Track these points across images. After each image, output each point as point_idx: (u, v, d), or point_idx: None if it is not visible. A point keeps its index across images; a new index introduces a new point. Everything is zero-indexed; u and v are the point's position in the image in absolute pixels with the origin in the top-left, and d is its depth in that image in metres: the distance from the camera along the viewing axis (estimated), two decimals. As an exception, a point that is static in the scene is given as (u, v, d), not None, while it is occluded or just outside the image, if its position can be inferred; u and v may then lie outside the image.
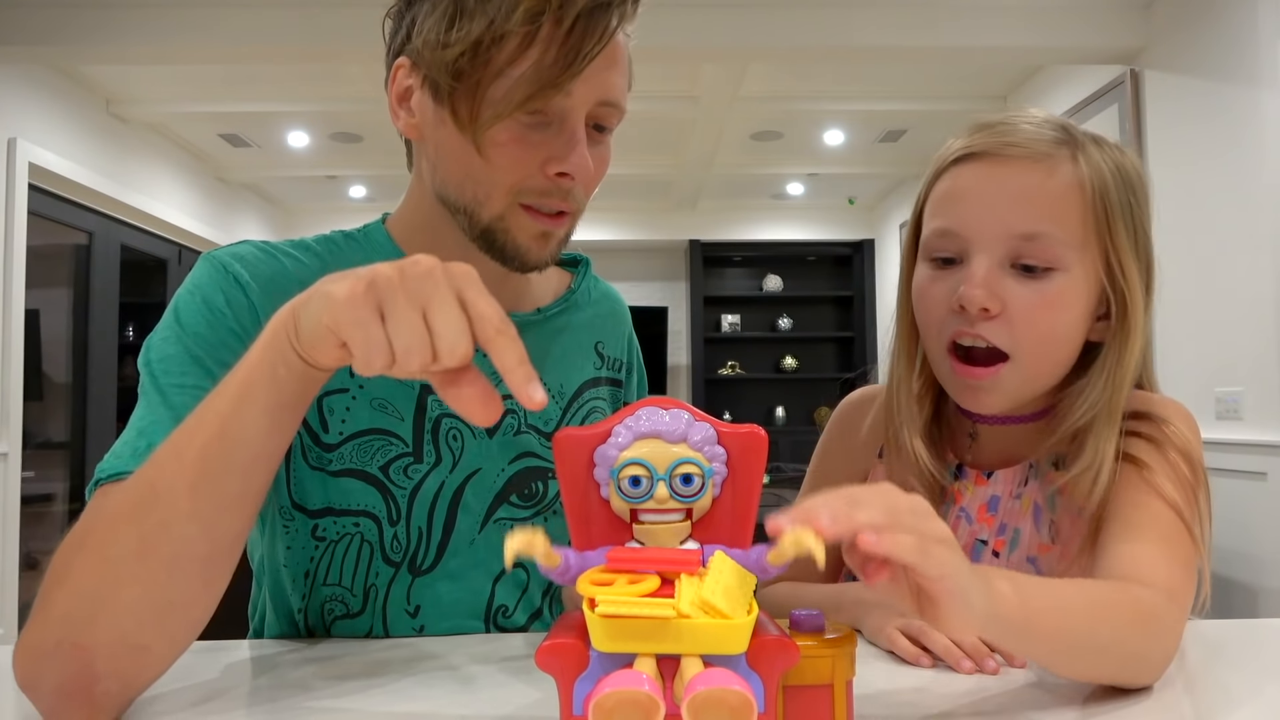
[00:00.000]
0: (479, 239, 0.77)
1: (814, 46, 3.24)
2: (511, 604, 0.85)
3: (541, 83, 0.69)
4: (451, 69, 0.70)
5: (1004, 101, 4.29)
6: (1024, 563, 0.79)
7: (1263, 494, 2.57)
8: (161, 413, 0.68)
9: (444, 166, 0.76)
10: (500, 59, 0.69)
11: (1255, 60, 2.62)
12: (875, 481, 0.86)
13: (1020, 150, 0.73)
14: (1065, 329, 0.74)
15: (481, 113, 0.70)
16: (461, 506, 0.82)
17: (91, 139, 4.03)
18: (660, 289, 6.92)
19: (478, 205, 0.75)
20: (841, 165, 5.46)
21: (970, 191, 0.75)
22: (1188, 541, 0.70)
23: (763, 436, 0.50)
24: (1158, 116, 3.11)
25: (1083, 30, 3.19)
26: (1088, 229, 0.73)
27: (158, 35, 3.11)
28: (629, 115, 0.79)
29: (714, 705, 0.40)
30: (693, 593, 0.43)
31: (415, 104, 0.76)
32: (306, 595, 0.81)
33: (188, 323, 0.73)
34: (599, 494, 0.50)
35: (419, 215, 0.83)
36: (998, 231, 0.73)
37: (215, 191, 5.29)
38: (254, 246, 0.79)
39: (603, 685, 0.40)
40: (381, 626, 0.81)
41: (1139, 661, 0.61)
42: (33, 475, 3.56)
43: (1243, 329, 2.67)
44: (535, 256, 0.77)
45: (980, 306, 0.72)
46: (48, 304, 3.88)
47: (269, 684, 0.66)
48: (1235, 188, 2.70)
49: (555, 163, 0.73)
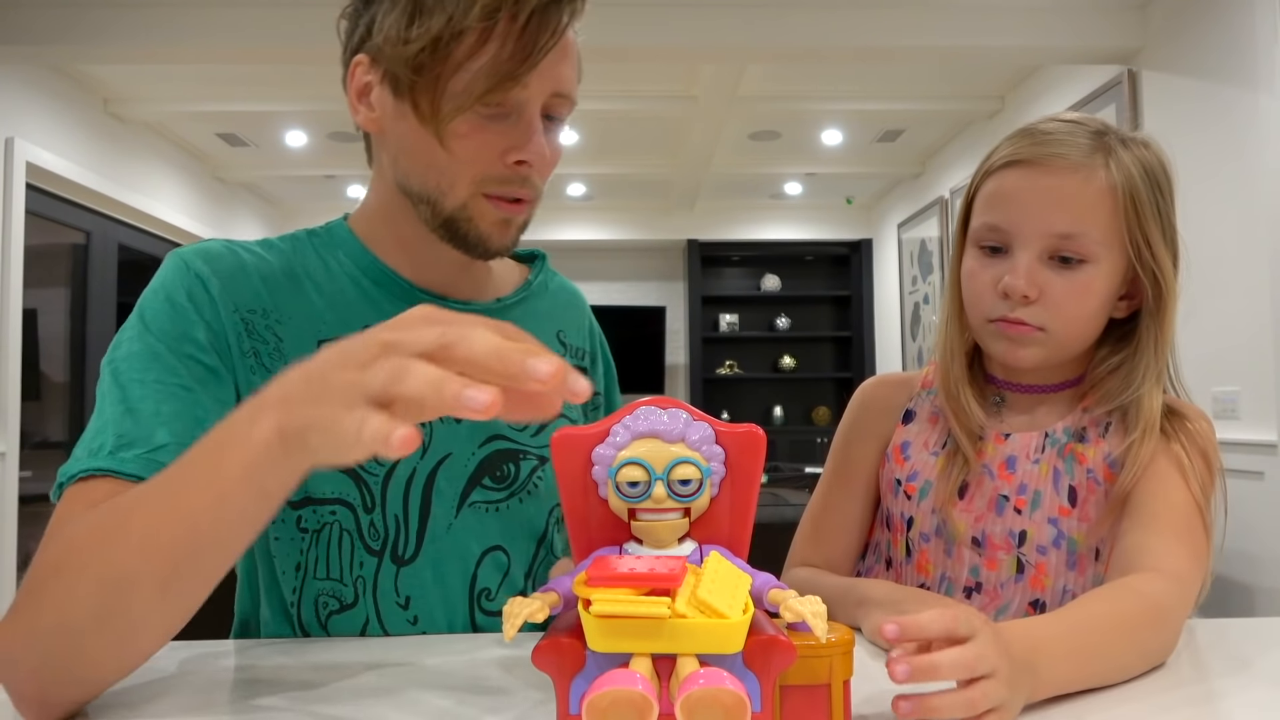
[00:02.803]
0: (441, 228, 0.80)
1: (812, 46, 3.24)
2: (494, 587, 0.86)
3: (500, 76, 0.73)
4: (412, 63, 0.73)
5: (1001, 102, 4.30)
6: (1045, 524, 0.86)
7: (1259, 493, 2.57)
8: (118, 409, 0.69)
9: (406, 158, 0.79)
10: (459, 53, 0.72)
11: (1253, 61, 2.62)
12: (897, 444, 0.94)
13: (1060, 161, 0.82)
14: (1092, 309, 0.85)
15: (442, 105, 0.74)
16: (435, 492, 0.83)
17: (89, 138, 4.02)
18: (658, 289, 6.92)
19: (441, 195, 0.78)
20: (839, 165, 5.46)
21: (1015, 194, 0.84)
22: (1202, 534, 0.79)
23: (761, 436, 0.50)
24: (1155, 117, 3.11)
25: (1080, 30, 3.19)
26: (1119, 226, 0.83)
27: (156, 35, 3.10)
28: (627, 115, 0.81)
29: (708, 705, 0.40)
30: (688, 592, 0.43)
31: (375, 99, 0.79)
32: (298, 589, 0.81)
33: (151, 319, 0.75)
34: (597, 493, 0.50)
35: (380, 208, 0.86)
36: (1039, 230, 0.83)
37: (213, 191, 5.29)
38: (219, 243, 0.82)
39: (598, 685, 0.40)
40: (376, 620, 0.81)
41: (1155, 656, 0.68)
42: (30, 475, 3.56)
43: (1240, 328, 2.67)
44: (497, 243, 0.81)
45: (1022, 294, 0.83)
46: (46, 303, 3.88)
47: (263, 687, 0.66)
48: (1232, 188, 2.71)
49: (515, 152, 0.77)
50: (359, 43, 0.79)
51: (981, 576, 0.88)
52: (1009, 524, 0.87)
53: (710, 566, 0.45)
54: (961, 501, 0.88)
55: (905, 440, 0.94)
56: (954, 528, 0.88)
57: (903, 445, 0.94)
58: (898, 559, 0.93)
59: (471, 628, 0.85)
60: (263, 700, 0.62)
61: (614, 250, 6.82)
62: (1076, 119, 0.86)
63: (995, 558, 0.87)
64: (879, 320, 6.31)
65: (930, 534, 0.90)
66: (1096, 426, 0.87)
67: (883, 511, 0.96)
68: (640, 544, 0.50)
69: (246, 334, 0.78)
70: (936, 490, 0.89)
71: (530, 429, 0.89)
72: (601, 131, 4.81)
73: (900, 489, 0.92)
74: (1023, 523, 0.86)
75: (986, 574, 0.87)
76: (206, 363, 0.75)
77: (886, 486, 0.94)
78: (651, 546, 0.49)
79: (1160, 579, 0.72)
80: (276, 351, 0.79)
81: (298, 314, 0.81)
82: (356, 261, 0.85)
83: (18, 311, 3.50)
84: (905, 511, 0.92)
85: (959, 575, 0.88)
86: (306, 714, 0.59)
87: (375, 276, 0.85)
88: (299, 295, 0.82)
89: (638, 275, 6.92)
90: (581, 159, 5.30)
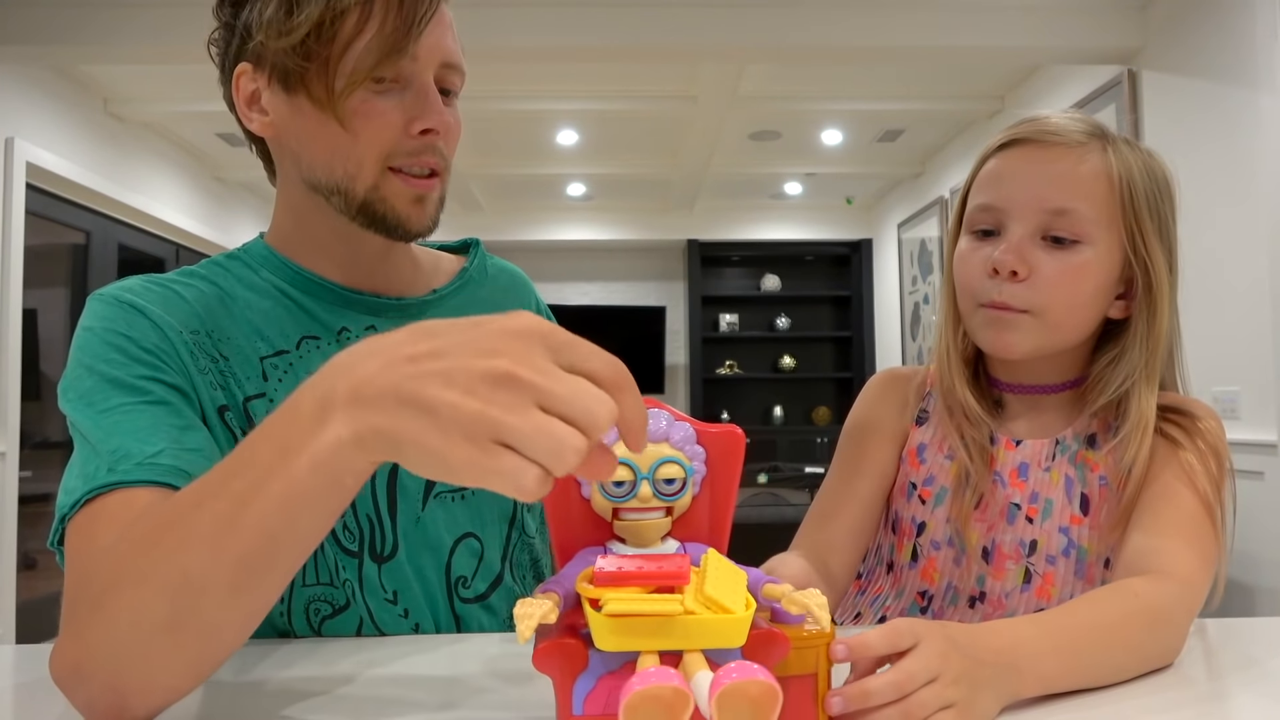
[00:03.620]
0: (358, 214, 0.80)
1: (812, 46, 3.24)
2: (470, 574, 0.86)
3: (386, 48, 0.75)
4: (300, 51, 0.74)
5: (1001, 102, 4.30)
6: (1055, 533, 0.84)
7: (1259, 493, 2.57)
8: (98, 435, 0.67)
9: (309, 151, 0.79)
10: (345, 33, 0.74)
11: (1253, 61, 2.62)
12: (913, 446, 0.92)
13: (1057, 138, 0.82)
14: (1085, 296, 0.82)
15: (336, 86, 0.75)
16: (399, 487, 0.83)
17: (89, 138, 4.03)
18: (658, 289, 6.92)
19: (350, 180, 0.79)
20: (839, 165, 5.46)
21: (1011, 171, 0.83)
22: (1210, 534, 0.77)
23: (740, 436, 0.51)
24: (1155, 117, 3.12)
25: (1080, 30, 3.19)
26: (1114, 210, 0.81)
27: (156, 35, 3.10)
28: (627, 115, 0.81)
29: (741, 697, 0.40)
30: (694, 589, 0.43)
31: (266, 102, 0.80)
32: (287, 599, 0.81)
33: (92, 359, 0.73)
34: (579, 492, 0.50)
35: (292, 216, 0.85)
36: (1033, 205, 0.81)
37: (213, 191, 5.29)
38: (137, 280, 0.81)
39: (634, 683, 0.39)
40: (369, 618, 0.81)
41: (1156, 659, 0.67)
42: (30, 475, 3.56)
43: (1240, 328, 2.67)
44: (416, 223, 0.81)
45: (1010, 270, 0.81)
46: (46, 303, 3.88)
47: (259, 689, 0.66)
48: (1232, 187, 2.71)
49: (417, 121, 0.77)
50: (236, 54, 0.80)
51: (987, 586, 0.86)
52: (1020, 533, 0.85)
53: (712, 564, 0.45)
54: (975, 511, 0.87)
55: (921, 443, 0.92)
56: (967, 539, 0.87)
57: (919, 448, 0.92)
58: (900, 563, 0.92)
59: (453, 617, 0.85)
60: (255, 704, 0.62)
61: (614, 250, 6.82)
62: (1078, 115, 0.86)
63: (1003, 567, 0.86)
64: (879, 320, 6.32)
65: (942, 542, 0.89)
66: (1108, 431, 0.85)
67: (890, 515, 0.94)
68: (624, 543, 0.50)
69: (198, 350, 0.78)
70: (953, 501, 0.88)
71: None
72: (601, 131, 4.81)
73: (915, 493, 0.91)
74: (1034, 532, 0.85)
75: (992, 584, 0.86)
76: (167, 380, 0.73)
77: (899, 489, 0.93)
78: (636, 545, 0.50)
79: (1162, 581, 0.71)
80: (227, 370, 0.79)
81: (235, 334, 0.81)
82: (280, 275, 0.85)
83: (18, 311, 3.50)
84: (918, 516, 0.90)
85: (965, 585, 0.87)
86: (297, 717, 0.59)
87: (302, 286, 0.84)
88: (231, 317, 0.81)
89: (637, 275, 6.92)
90: (581, 159, 5.30)
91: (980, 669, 0.55)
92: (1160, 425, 0.83)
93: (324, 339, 0.83)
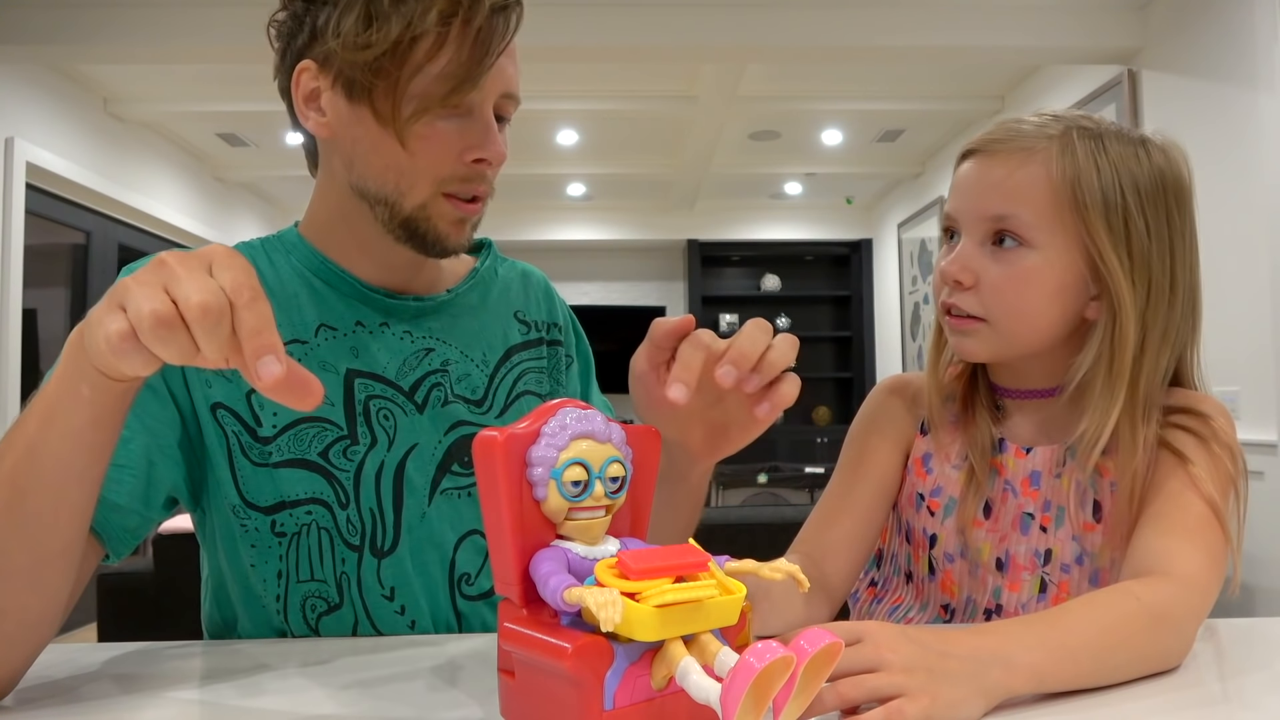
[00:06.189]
0: (400, 228, 0.82)
1: (812, 46, 3.24)
2: (474, 571, 0.86)
3: (459, 79, 0.76)
4: (372, 67, 0.75)
5: (1001, 102, 4.30)
6: (1069, 541, 0.84)
7: (1259, 493, 2.57)
8: None
9: (363, 161, 0.80)
10: (417, 57, 0.75)
11: (1253, 61, 2.62)
12: (918, 455, 0.92)
13: (1001, 146, 0.83)
14: (1036, 300, 0.82)
15: (403, 108, 0.76)
16: (406, 482, 0.84)
17: (89, 138, 4.03)
18: (658, 288, 6.93)
19: (400, 195, 0.80)
20: (839, 165, 5.47)
21: (962, 180, 0.85)
22: (1218, 535, 0.77)
23: (658, 435, 0.55)
24: (1155, 117, 3.12)
25: (1080, 30, 3.20)
26: (1060, 213, 0.80)
27: (156, 35, 3.11)
28: (627, 115, 0.82)
29: (824, 659, 0.44)
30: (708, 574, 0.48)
31: (325, 104, 0.80)
32: (282, 596, 0.81)
33: None
34: (530, 495, 0.50)
35: (332, 212, 0.86)
36: (976, 214, 0.83)
37: (213, 191, 5.29)
38: None
39: (755, 661, 0.40)
40: (365, 616, 0.82)
41: (1157, 660, 0.66)
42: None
43: (1240, 328, 2.67)
44: (454, 242, 0.83)
45: (954, 279, 0.83)
46: (46, 303, 3.88)
47: (254, 690, 0.66)
48: (1232, 188, 2.71)
49: (474, 150, 0.79)
50: (302, 48, 0.80)
51: (1003, 598, 0.85)
52: (1034, 543, 0.84)
53: None
54: (986, 521, 0.86)
55: (926, 452, 0.91)
56: (977, 549, 0.86)
57: (924, 457, 0.91)
58: (919, 574, 0.91)
59: (454, 614, 0.85)
60: (250, 704, 0.62)
61: (613, 250, 6.83)
62: (1050, 117, 0.84)
63: (1019, 578, 0.84)
64: (879, 320, 6.32)
65: (955, 554, 0.88)
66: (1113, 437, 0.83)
67: (903, 524, 0.93)
68: (572, 543, 0.50)
69: None
70: (960, 509, 0.87)
71: (494, 410, 0.90)
72: (601, 131, 4.81)
73: (924, 504, 0.90)
74: (1048, 540, 0.84)
75: (1008, 595, 0.85)
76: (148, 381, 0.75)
77: (907, 500, 0.92)
78: (586, 544, 0.50)
79: (1164, 582, 0.70)
80: None
81: None
82: (307, 264, 0.86)
83: (18, 311, 3.50)
84: (928, 528, 0.89)
85: (981, 598, 0.86)
86: (293, 717, 0.59)
87: (326, 276, 0.86)
88: None
89: (638, 275, 6.93)
90: (581, 159, 5.31)
91: (946, 660, 0.55)
92: (1173, 426, 0.81)
93: (340, 329, 0.85)
